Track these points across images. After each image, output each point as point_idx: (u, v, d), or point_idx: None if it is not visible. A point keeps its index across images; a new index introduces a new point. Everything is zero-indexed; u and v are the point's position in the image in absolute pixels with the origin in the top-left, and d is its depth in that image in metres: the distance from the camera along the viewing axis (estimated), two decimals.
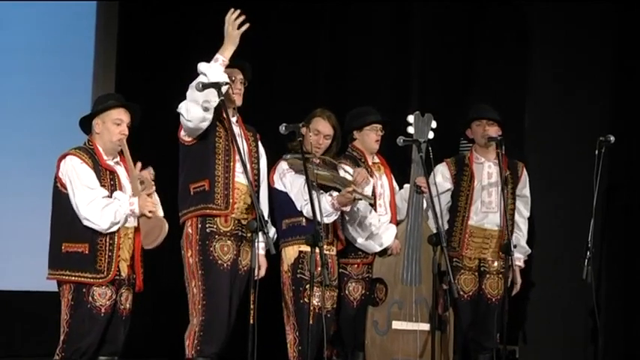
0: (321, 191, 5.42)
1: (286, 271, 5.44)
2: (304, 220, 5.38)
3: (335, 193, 5.41)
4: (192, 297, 5.11)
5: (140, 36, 8.06)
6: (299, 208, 5.41)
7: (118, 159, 5.04)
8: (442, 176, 6.02)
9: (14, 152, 7.58)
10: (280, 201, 5.49)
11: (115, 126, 4.97)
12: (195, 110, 4.95)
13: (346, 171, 5.65)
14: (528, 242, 6.12)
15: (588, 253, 5.72)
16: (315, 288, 5.19)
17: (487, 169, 5.96)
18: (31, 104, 7.72)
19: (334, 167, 5.60)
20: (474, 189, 5.96)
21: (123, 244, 4.93)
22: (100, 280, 4.85)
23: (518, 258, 5.99)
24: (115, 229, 4.88)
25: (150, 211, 4.90)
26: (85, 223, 4.84)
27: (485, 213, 5.95)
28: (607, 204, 6.10)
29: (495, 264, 5.92)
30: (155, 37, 8.02)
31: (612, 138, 5.77)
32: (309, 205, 5.10)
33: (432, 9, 7.36)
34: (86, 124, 5.06)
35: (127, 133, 5.00)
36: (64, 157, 4.94)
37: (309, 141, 5.55)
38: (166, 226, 4.92)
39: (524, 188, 6.07)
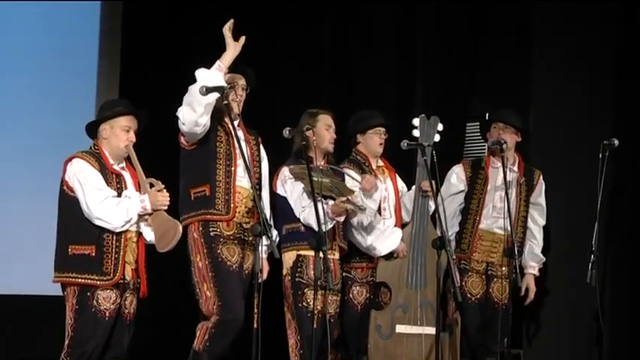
0: (320, 198, 5.36)
1: (285, 275, 5.44)
2: (303, 226, 5.39)
3: (331, 202, 5.40)
4: (206, 300, 5.13)
5: (144, 38, 8.05)
6: (297, 215, 5.41)
7: (124, 164, 5.06)
8: (457, 177, 6.01)
9: (18, 154, 7.61)
10: (281, 206, 5.50)
11: (123, 132, 5.00)
12: (189, 114, 4.98)
13: (352, 177, 5.66)
14: None
15: (592, 257, 5.73)
16: (319, 292, 5.19)
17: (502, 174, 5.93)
18: (35, 105, 7.70)
19: (340, 174, 5.62)
20: (486, 193, 5.95)
21: (128, 247, 4.95)
22: (107, 282, 4.86)
23: (533, 266, 6.01)
24: (127, 227, 4.90)
25: (163, 205, 4.90)
26: (98, 222, 4.86)
27: (495, 218, 5.94)
28: (611, 207, 6.10)
29: (503, 268, 5.90)
30: (159, 38, 8.00)
31: (616, 141, 5.81)
32: (306, 211, 5.22)
33: (435, 9, 7.36)
34: (92, 129, 5.07)
35: (134, 139, 5.03)
36: (70, 160, 4.96)
37: (315, 141, 5.47)
38: (180, 227, 4.92)
39: (539, 197, 6.04)
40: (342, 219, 5.45)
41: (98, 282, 4.85)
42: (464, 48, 7.45)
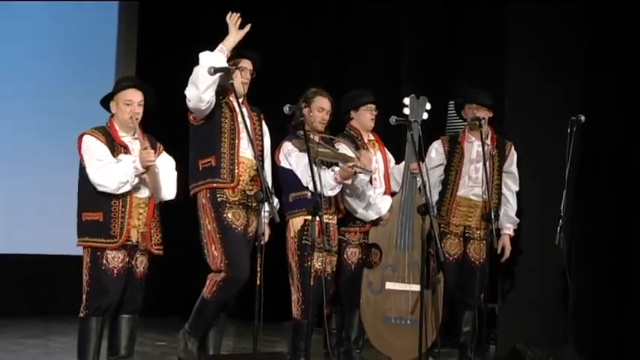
0: (323, 167, 5.67)
1: (292, 238, 5.68)
2: (309, 193, 5.61)
3: (337, 168, 5.64)
4: (213, 259, 5.39)
5: (158, 27, 8.25)
6: (305, 184, 5.63)
7: (136, 136, 5.25)
8: (436, 152, 6.29)
9: (46, 131, 7.95)
10: (287, 177, 5.73)
11: (126, 106, 5.17)
12: (192, 91, 5.21)
13: (345, 151, 5.83)
14: None
15: (560, 221, 5.92)
16: (316, 253, 5.45)
17: (477, 148, 6.17)
18: (61, 88, 8.00)
19: (331, 144, 5.82)
20: (462, 165, 6.19)
21: (134, 213, 5.18)
22: (114, 244, 5.10)
23: (508, 227, 6.25)
24: (125, 188, 5.08)
25: (149, 160, 5.07)
26: (99, 189, 5.07)
27: (471, 187, 6.19)
28: (578, 176, 6.23)
29: (479, 231, 6.15)
30: (172, 28, 8.20)
31: (583, 117, 5.99)
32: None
33: (419, 6, 7.55)
34: (106, 106, 5.30)
35: (137, 112, 5.18)
36: (81, 136, 5.21)
37: (309, 119, 5.73)
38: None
39: (511, 166, 6.28)
40: (349, 182, 5.69)
41: (106, 244, 5.11)
42: (446, 38, 7.69)
